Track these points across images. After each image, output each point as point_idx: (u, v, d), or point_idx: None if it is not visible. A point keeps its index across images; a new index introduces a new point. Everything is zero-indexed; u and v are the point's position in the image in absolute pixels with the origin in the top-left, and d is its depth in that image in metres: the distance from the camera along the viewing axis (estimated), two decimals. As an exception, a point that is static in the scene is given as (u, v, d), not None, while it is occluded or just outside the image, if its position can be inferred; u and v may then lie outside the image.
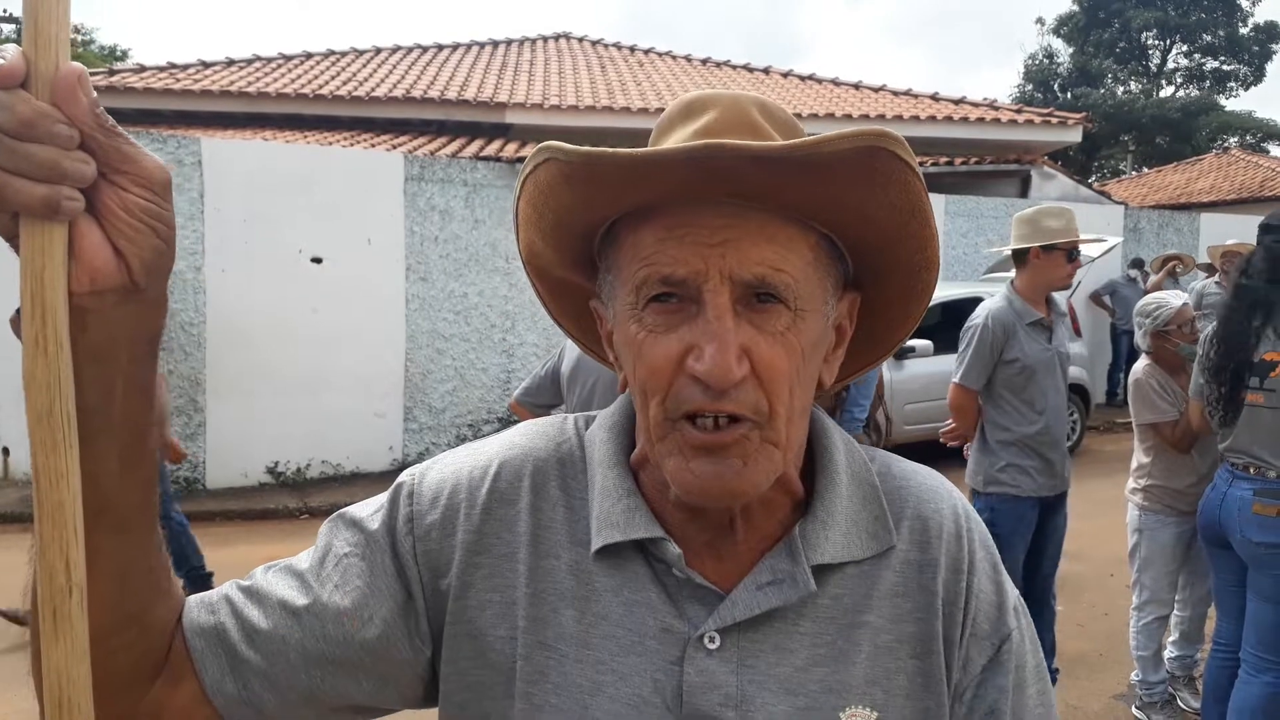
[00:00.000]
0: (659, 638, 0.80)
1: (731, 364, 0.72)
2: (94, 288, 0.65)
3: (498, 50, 16.67)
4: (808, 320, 0.77)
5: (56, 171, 0.61)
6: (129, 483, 0.72)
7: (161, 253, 0.67)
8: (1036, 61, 36.86)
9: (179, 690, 0.80)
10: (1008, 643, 0.84)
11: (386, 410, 9.18)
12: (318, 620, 0.82)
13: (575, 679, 0.79)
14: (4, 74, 0.60)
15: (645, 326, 0.77)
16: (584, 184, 0.78)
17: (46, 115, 0.60)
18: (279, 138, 10.83)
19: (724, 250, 0.74)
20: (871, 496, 0.85)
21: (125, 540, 0.73)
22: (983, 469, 3.97)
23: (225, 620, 0.82)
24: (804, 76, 16.44)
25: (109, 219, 0.65)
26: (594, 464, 0.86)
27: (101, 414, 0.68)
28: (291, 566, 0.87)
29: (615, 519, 0.81)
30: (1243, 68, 35.67)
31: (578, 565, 0.82)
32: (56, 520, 0.64)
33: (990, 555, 0.88)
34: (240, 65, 14.01)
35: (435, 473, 0.88)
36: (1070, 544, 6.47)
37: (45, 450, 0.64)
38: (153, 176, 0.66)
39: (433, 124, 12.65)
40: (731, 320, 0.73)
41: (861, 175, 0.73)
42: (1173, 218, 14.90)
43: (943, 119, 13.77)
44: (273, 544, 6.52)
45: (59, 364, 0.63)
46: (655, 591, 0.81)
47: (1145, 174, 26.19)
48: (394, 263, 9.13)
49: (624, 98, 13.76)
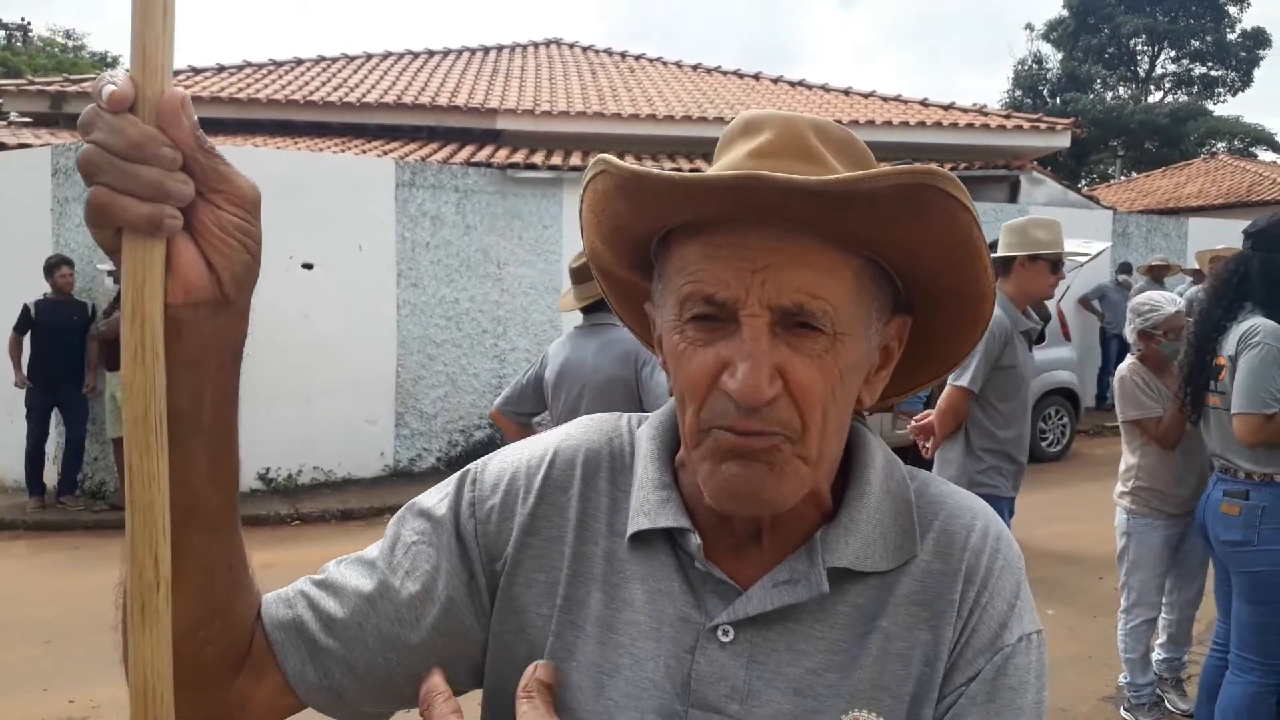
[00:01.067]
0: (676, 626, 0.82)
1: (763, 383, 0.74)
2: (188, 300, 0.69)
3: (488, 56, 16.69)
4: (846, 344, 0.78)
5: (161, 191, 0.65)
6: (217, 483, 0.77)
7: (250, 267, 0.72)
8: (1026, 67, 37.03)
9: (262, 683, 0.85)
10: (1013, 658, 0.82)
11: (378, 416, 9.17)
12: (391, 605, 0.87)
13: (596, 659, 0.83)
14: (115, 100, 0.63)
15: (686, 339, 0.79)
16: (635, 197, 0.81)
17: (153, 138, 0.64)
18: (270, 144, 10.82)
19: (764, 276, 0.75)
20: (904, 511, 0.86)
21: (212, 538, 0.78)
22: (965, 471, 3.99)
23: (303, 613, 0.87)
24: (794, 82, 16.49)
25: (204, 235, 0.69)
26: (639, 459, 0.90)
27: (192, 418, 0.73)
28: (362, 558, 0.91)
29: (649, 508, 0.85)
30: (1231, 73, 35.90)
31: (612, 552, 0.86)
32: (147, 519, 0.68)
33: (1015, 579, 0.86)
34: (231, 71, 13.99)
35: (497, 461, 0.93)
36: (1060, 547, 6.53)
37: (140, 452, 0.67)
38: (245, 195, 0.71)
39: (424, 130, 12.65)
40: (767, 342, 0.75)
41: (905, 210, 0.74)
42: (1161, 222, 14.99)
43: (932, 124, 13.84)
44: (264, 550, 6.51)
45: (155, 371, 0.67)
46: (678, 582, 0.84)
47: (1134, 179, 26.33)
48: (385, 269, 9.14)
49: (615, 104, 13.79)
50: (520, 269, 9.79)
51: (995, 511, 0.91)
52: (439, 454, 9.45)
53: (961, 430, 4.03)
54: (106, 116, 0.64)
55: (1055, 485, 8.52)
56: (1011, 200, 13.18)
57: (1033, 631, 0.85)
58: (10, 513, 7.84)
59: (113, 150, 0.63)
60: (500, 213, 9.73)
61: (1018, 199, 13.21)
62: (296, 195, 8.55)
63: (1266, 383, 3.31)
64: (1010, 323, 3.97)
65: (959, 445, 4.05)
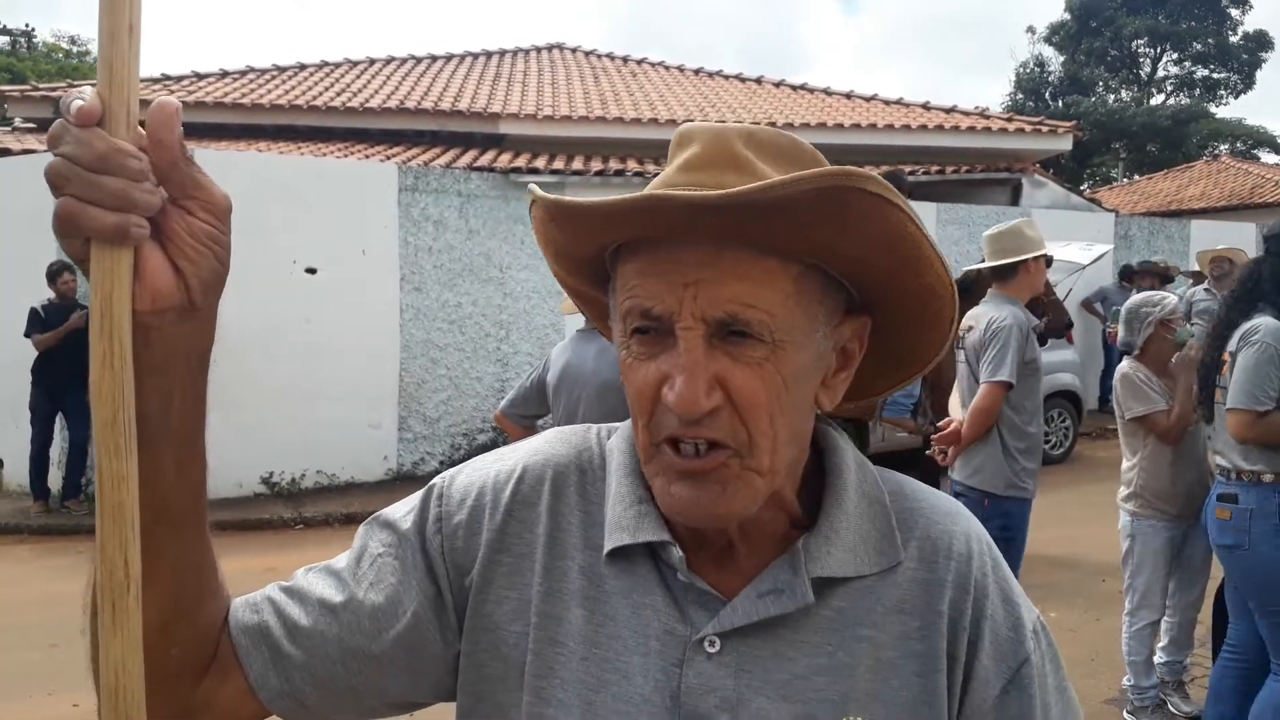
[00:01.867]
0: (662, 639, 0.82)
1: (699, 395, 0.75)
2: (155, 307, 0.71)
3: (491, 61, 16.71)
4: (788, 351, 0.78)
5: (127, 201, 0.67)
6: (183, 485, 0.78)
7: (218, 274, 0.74)
8: (1028, 70, 37.03)
9: (226, 685, 0.86)
10: (1026, 665, 0.84)
11: (381, 420, 9.19)
12: (354, 616, 0.87)
13: (581, 676, 0.83)
14: (83, 114, 0.66)
15: (631, 353, 0.81)
16: (565, 223, 0.83)
17: (120, 150, 0.66)
18: (273, 149, 10.84)
19: (695, 290, 0.76)
20: (881, 515, 0.87)
21: (179, 539, 0.79)
22: (1003, 474, 3.99)
23: (268, 618, 0.87)
24: (796, 86, 16.50)
25: (175, 241, 0.71)
26: (611, 472, 0.89)
27: (161, 422, 0.74)
28: (329, 567, 0.92)
29: (626, 523, 0.85)
30: (1233, 76, 35.88)
31: (590, 567, 0.86)
32: (117, 519, 0.69)
33: (1001, 579, 0.87)
34: (234, 77, 14.03)
35: (464, 476, 0.93)
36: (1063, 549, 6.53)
37: (109, 455, 0.69)
38: (218, 204, 0.73)
39: (426, 135, 12.68)
40: (702, 353, 0.76)
41: (827, 215, 0.74)
42: (1163, 225, 14.98)
43: (934, 128, 13.84)
44: (268, 555, 6.52)
45: (123, 377, 0.69)
46: (661, 595, 0.84)
47: (1136, 181, 26.30)
48: (388, 273, 9.15)
49: (617, 108, 13.81)
50: (523, 273, 9.80)
51: (1020, 514, 0.92)
52: (442, 457, 9.45)
53: (993, 432, 4.02)
54: (74, 130, 0.66)
55: (1058, 488, 8.51)
56: (1014, 203, 13.18)
57: (1036, 622, 0.87)
58: (15, 517, 7.85)
59: (80, 162, 0.65)
60: (503, 217, 9.74)
61: (1019, 202, 13.22)
62: (300, 200, 8.57)
63: (1261, 380, 3.34)
64: (1027, 319, 4.05)
65: (992, 448, 4.01)
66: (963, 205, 12.36)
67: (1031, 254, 4.09)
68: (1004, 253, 4.12)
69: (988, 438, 4.00)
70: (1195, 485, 4.05)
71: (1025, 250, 4.09)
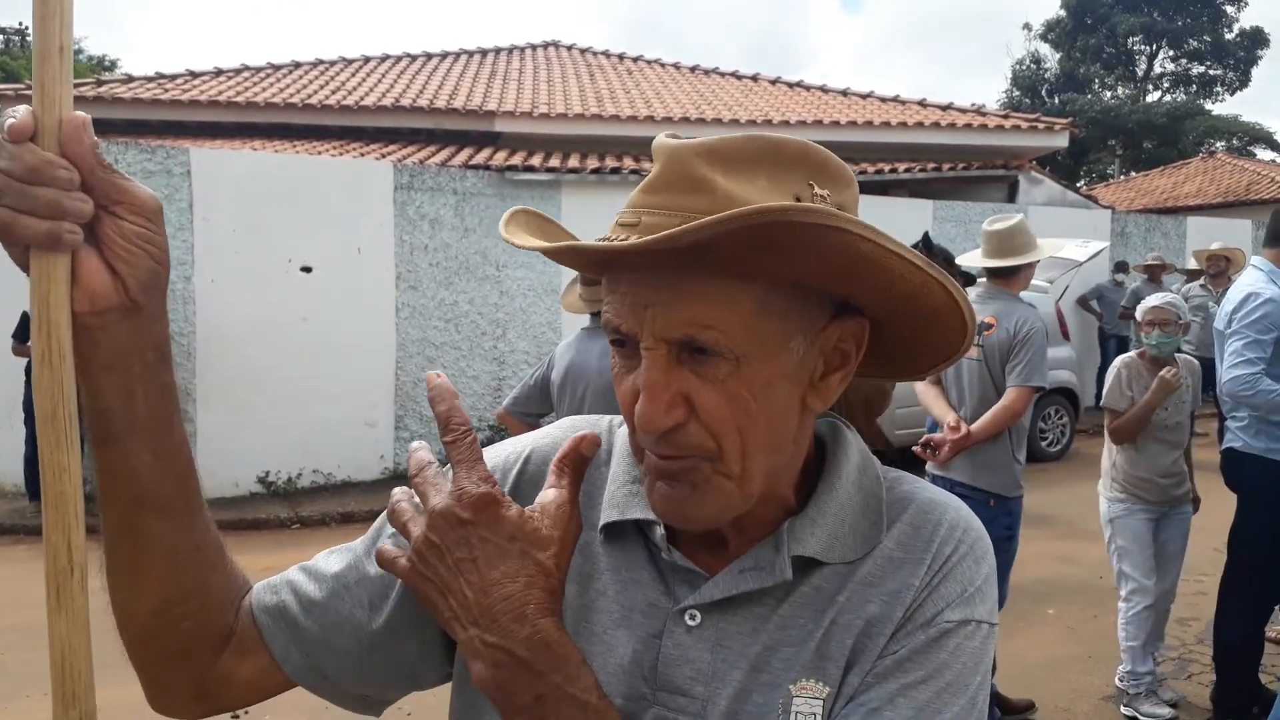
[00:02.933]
0: (645, 612, 0.86)
1: (658, 414, 0.77)
2: (94, 308, 0.75)
3: (486, 59, 16.69)
4: (753, 365, 0.78)
5: (58, 209, 0.71)
6: (164, 472, 0.83)
7: (156, 272, 0.78)
8: (1024, 67, 37.06)
9: (245, 661, 0.92)
10: (935, 629, 0.81)
11: (378, 419, 9.17)
12: (363, 589, 0.92)
13: None
14: (15, 130, 0.70)
15: (616, 364, 0.84)
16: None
17: (50, 162, 0.71)
18: (268, 147, 10.82)
19: (654, 312, 0.77)
20: (873, 506, 0.88)
21: (168, 523, 0.84)
22: (1010, 475, 4.00)
23: (286, 597, 0.93)
24: (792, 84, 16.50)
25: (108, 245, 0.75)
26: (615, 457, 0.93)
27: (124, 415, 0.79)
28: (348, 546, 0.97)
29: (618, 501, 0.89)
30: (1228, 72, 35.93)
31: (587, 546, 0.89)
32: (60, 508, 0.74)
33: (978, 570, 0.86)
34: (229, 75, 14.00)
35: None
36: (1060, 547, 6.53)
37: (50, 448, 0.74)
38: (145, 205, 0.77)
39: (422, 133, 12.66)
40: (664, 373, 0.77)
41: (760, 246, 0.73)
42: (1159, 221, 15.00)
43: (930, 125, 13.84)
44: (265, 554, 6.50)
45: (62, 374, 0.73)
46: (648, 571, 0.87)
47: (1132, 178, 26.35)
48: (384, 271, 9.14)
49: (613, 105, 13.80)
50: (519, 271, 9.79)
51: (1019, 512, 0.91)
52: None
53: (1002, 435, 3.98)
54: (8, 146, 0.70)
55: (1055, 485, 8.52)
56: (1010, 200, 13.19)
57: (981, 621, 0.84)
58: (10, 517, 7.84)
59: (13, 175, 0.70)
60: (498, 215, 9.69)
61: (1016, 199, 13.22)
62: (295, 199, 8.55)
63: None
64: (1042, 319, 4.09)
65: (1001, 450, 3.98)
66: (959, 202, 12.36)
67: (1039, 255, 4.11)
68: (1012, 251, 4.11)
69: (997, 439, 3.99)
70: (1170, 473, 4.21)
71: (1029, 250, 4.10)
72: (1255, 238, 14.65)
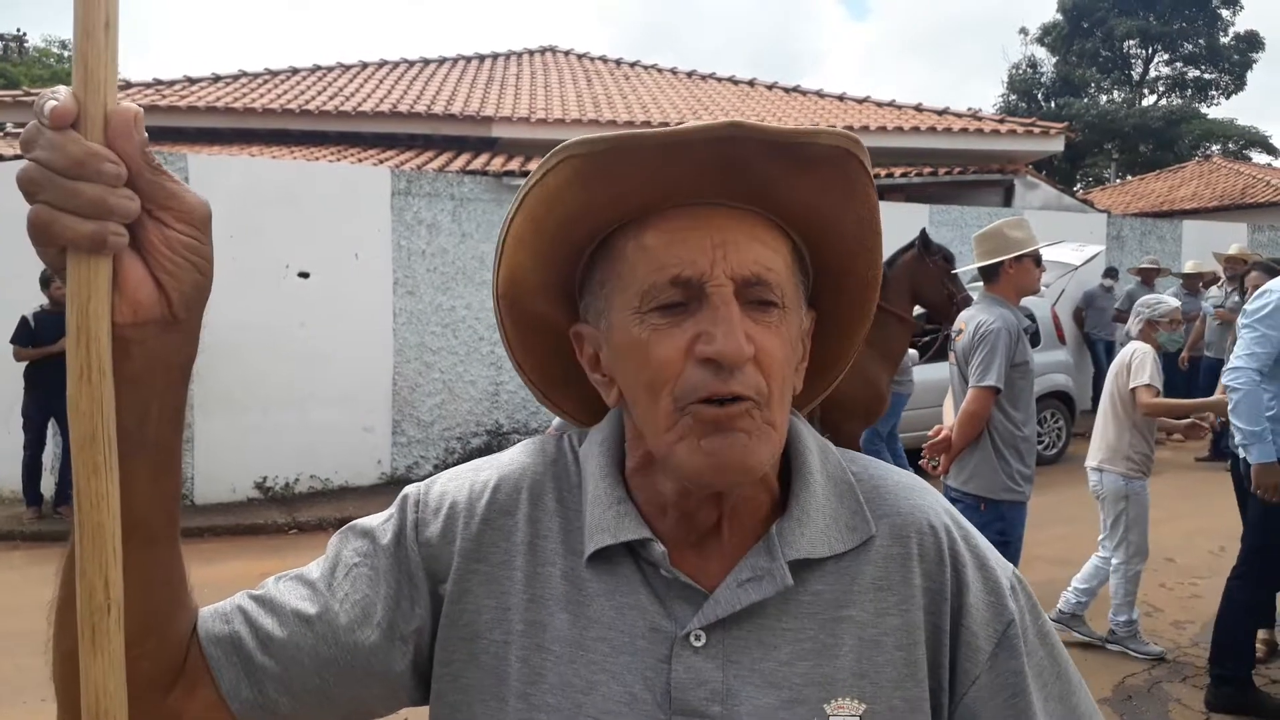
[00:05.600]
0: (648, 637, 0.83)
1: (742, 342, 0.77)
2: (136, 319, 0.69)
3: (484, 64, 16.71)
4: (790, 317, 0.84)
5: (103, 208, 0.64)
6: (158, 500, 0.76)
7: (200, 286, 0.72)
8: (1020, 71, 37.12)
9: (194, 696, 0.84)
10: (1011, 625, 0.87)
11: (375, 424, 9.17)
12: (329, 627, 0.86)
13: (570, 679, 0.83)
14: (57, 115, 0.63)
15: (649, 325, 0.81)
16: (597, 180, 0.80)
17: (95, 154, 0.64)
18: (265, 153, 10.83)
19: (725, 250, 0.80)
20: (848, 493, 0.89)
21: (152, 553, 0.77)
22: (997, 478, 4.01)
23: (240, 629, 0.86)
24: (789, 89, 16.52)
25: (152, 253, 0.69)
26: (587, 477, 0.89)
27: (136, 436, 0.72)
28: (303, 576, 0.90)
29: (606, 524, 0.85)
30: (1224, 76, 35.98)
31: (572, 571, 0.86)
32: (97, 541, 0.67)
33: (974, 547, 0.90)
34: (226, 81, 14.01)
35: (439, 486, 0.93)
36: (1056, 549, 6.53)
37: (87, 473, 0.66)
38: (195, 213, 0.71)
39: (419, 138, 12.67)
40: (737, 309, 0.79)
41: (838, 179, 0.82)
42: (1155, 225, 15.02)
43: (926, 129, 13.87)
44: (262, 560, 6.51)
45: (103, 392, 0.66)
46: (645, 594, 0.85)
47: (1128, 182, 26.38)
48: (381, 277, 9.14)
49: (610, 111, 13.82)
50: (516, 276, 9.78)
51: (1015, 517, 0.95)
52: (436, 461, 9.44)
53: (984, 438, 4.02)
54: (48, 133, 0.63)
55: (1051, 488, 8.51)
56: (1006, 204, 13.21)
57: (1013, 578, 0.91)
58: (8, 524, 7.82)
59: (54, 167, 0.63)
60: (496, 220, 9.74)
61: (1012, 203, 13.25)
62: (292, 204, 8.55)
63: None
64: (1017, 321, 4.05)
65: (984, 452, 4.02)
66: (955, 207, 12.38)
67: (1011, 254, 4.10)
68: (988, 254, 4.15)
69: (979, 442, 4.01)
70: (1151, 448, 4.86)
71: (1007, 250, 4.12)
72: (1251, 241, 14.68)
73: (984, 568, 0.88)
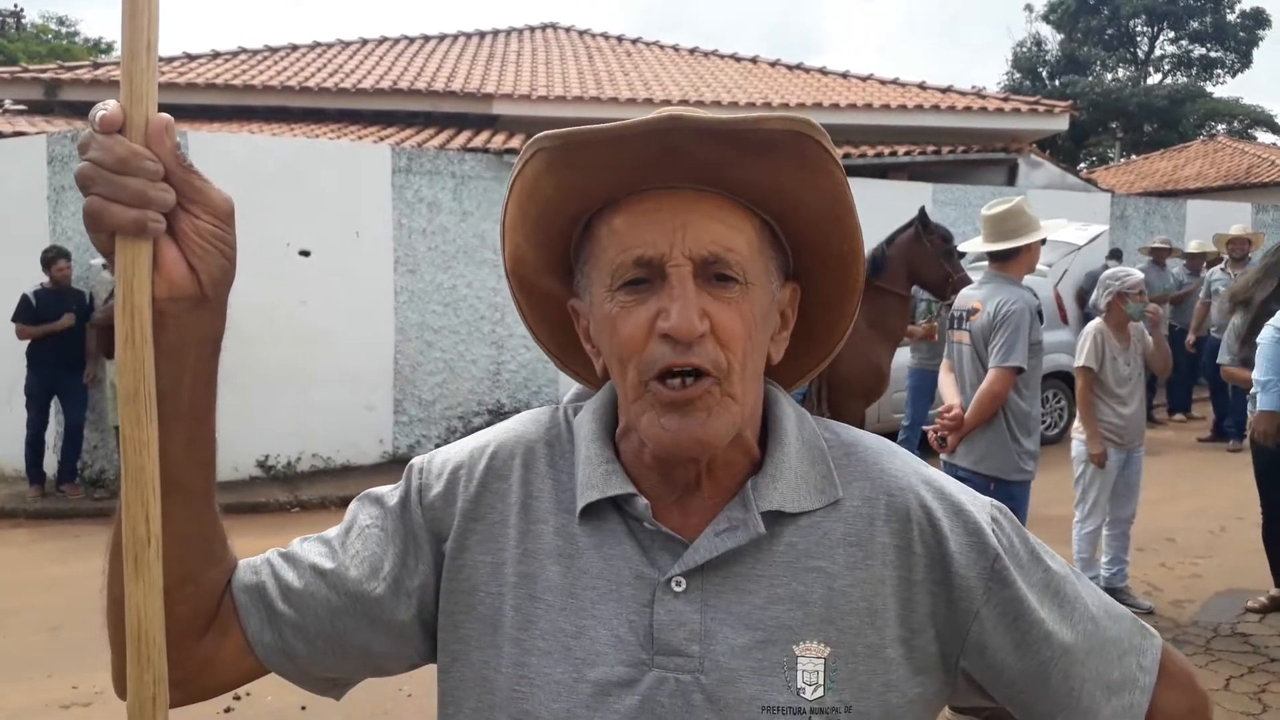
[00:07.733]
0: (633, 584, 0.91)
1: (694, 319, 0.85)
2: (171, 295, 0.81)
3: (484, 41, 16.62)
4: (755, 293, 0.90)
5: (144, 199, 0.77)
6: (193, 461, 0.88)
7: (225, 270, 0.84)
8: (1025, 49, 36.89)
9: (226, 641, 0.95)
10: (998, 559, 0.93)
11: (376, 403, 9.19)
12: (341, 579, 0.96)
13: (561, 625, 0.91)
14: (106, 123, 0.76)
15: (618, 303, 0.90)
16: (565, 169, 0.90)
17: (138, 154, 0.77)
18: (265, 130, 10.79)
19: (683, 232, 0.87)
20: (819, 458, 0.96)
21: (188, 510, 0.89)
22: (1009, 458, 4.00)
23: (265, 579, 0.97)
24: (791, 66, 16.43)
25: (184, 240, 0.81)
26: (580, 441, 0.98)
27: (171, 401, 0.83)
28: (323, 537, 1.02)
29: (595, 482, 0.94)
30: (1229, 55, 35.75)
31: (564, 528, 0.95)
32: (139, 481, 0.79)
33: (943, 495, 0.96)
34: (226, 58, 13.94)
35: (442, 454, 1.04)
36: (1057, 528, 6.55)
37: (132, 424, 0.79)
38: (219, 207, 0.83)
39: (420, 115, 12.62)
40: (693, 287, 0.87)
41: (793, 160, 0.88)
42: (1160, 204, 14.98)
43: (930, 108, 13.80)
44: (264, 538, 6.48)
45: (144, 354, 0.79)
46: (630, 545, 0.93)
47: (1133, 161, 26.27)
48: (382, 255, 9.13)
49: (611, 88, 13.75)
50: (518, 255, 9.76)
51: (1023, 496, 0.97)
52: (437, 440, 9.46)
53: (997, 418, 4.00)
54: (99, 138, 0.76)
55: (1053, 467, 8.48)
56: (1010, 183, 13.16)
57: (991, 510, 0.97)
58: (11, 501, 7.86)
59: (104, 165, 0.76)
60: (497, 198, 9.71)
61: (1016, 182, 13.20)
62: (293, 182, 8.53)
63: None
64: (1035, 301, 4.06)
65: (998, 433, 3.99)
66: (959, 186, 12.34)
67: (1036, 236, 4.09)
68: (1008, 234, 4.11)
69: (993, 422, 3.99)
70: (1135, 418, 5.18)
71: (1029, 231, 4.09)
72: (1255, 221, 14.63)
73: (959, 514, 0.94)
